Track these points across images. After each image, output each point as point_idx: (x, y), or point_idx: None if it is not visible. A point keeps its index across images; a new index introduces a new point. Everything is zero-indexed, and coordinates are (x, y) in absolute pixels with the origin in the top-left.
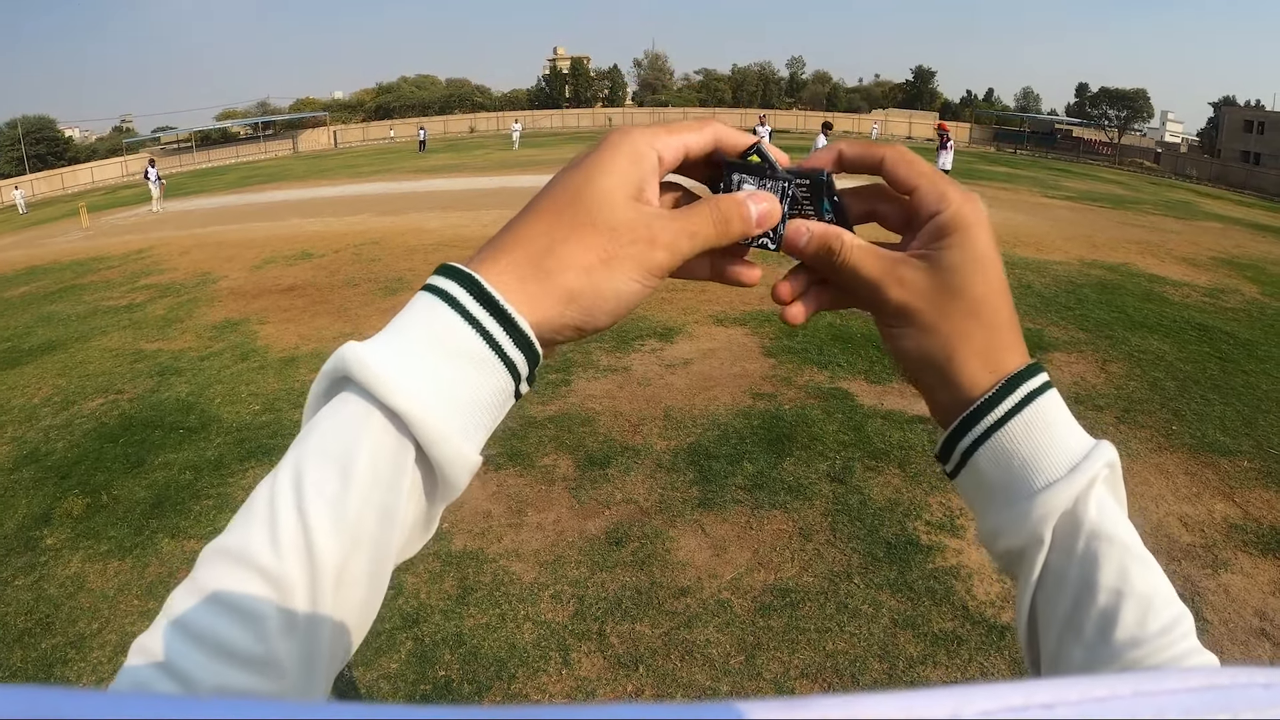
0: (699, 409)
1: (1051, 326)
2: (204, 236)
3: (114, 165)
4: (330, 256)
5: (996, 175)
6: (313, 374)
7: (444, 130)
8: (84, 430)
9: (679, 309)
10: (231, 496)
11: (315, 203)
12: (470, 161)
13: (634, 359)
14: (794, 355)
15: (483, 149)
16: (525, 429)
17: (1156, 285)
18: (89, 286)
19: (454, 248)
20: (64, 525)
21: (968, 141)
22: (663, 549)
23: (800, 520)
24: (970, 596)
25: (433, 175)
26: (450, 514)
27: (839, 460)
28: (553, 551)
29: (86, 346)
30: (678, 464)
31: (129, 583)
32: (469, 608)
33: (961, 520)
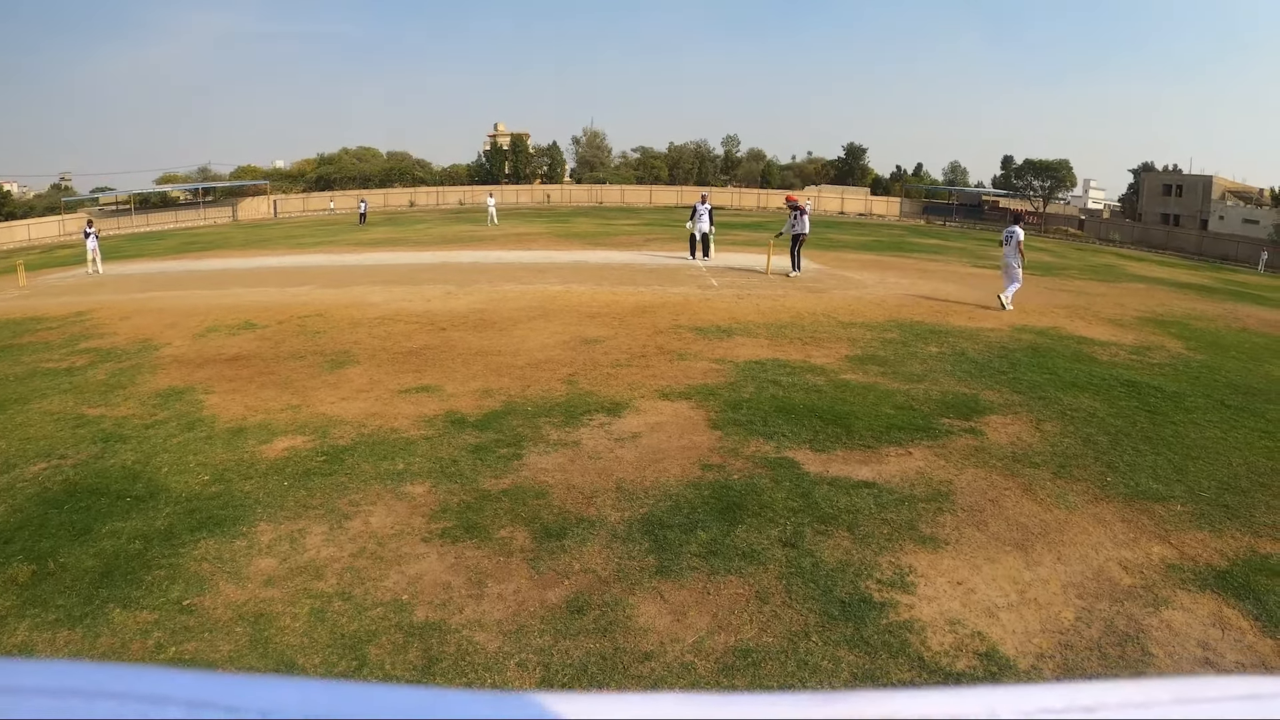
0: (650, 480)
1: (986, 391)
2: (144, 302)
3: (51, 224)
4: (274, 328)
5: (927, 247)
6: (262, 445)
7: (384, 203)
8: (26, 495)
9: (625, 384)
10: (184, 567)
11: (257, 273)
12: (411, 236)
13: (583, 433)
14: (740, 427)
15: (423, 223)
16: (480, 502)
17: (1085, 346)
18: (27, 347)
19: (398, 322)
20: (9, 592)
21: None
22: (624, 616)
23: (756, 584)
24: (925, 648)
25: (374, 248)
26: (410, 585)
27: (789, 526)
28: (515, 621)
29: (26, 409)
30: (633, 534)
31: (80, 653)
32: (435, 678)
33: (911, 578)
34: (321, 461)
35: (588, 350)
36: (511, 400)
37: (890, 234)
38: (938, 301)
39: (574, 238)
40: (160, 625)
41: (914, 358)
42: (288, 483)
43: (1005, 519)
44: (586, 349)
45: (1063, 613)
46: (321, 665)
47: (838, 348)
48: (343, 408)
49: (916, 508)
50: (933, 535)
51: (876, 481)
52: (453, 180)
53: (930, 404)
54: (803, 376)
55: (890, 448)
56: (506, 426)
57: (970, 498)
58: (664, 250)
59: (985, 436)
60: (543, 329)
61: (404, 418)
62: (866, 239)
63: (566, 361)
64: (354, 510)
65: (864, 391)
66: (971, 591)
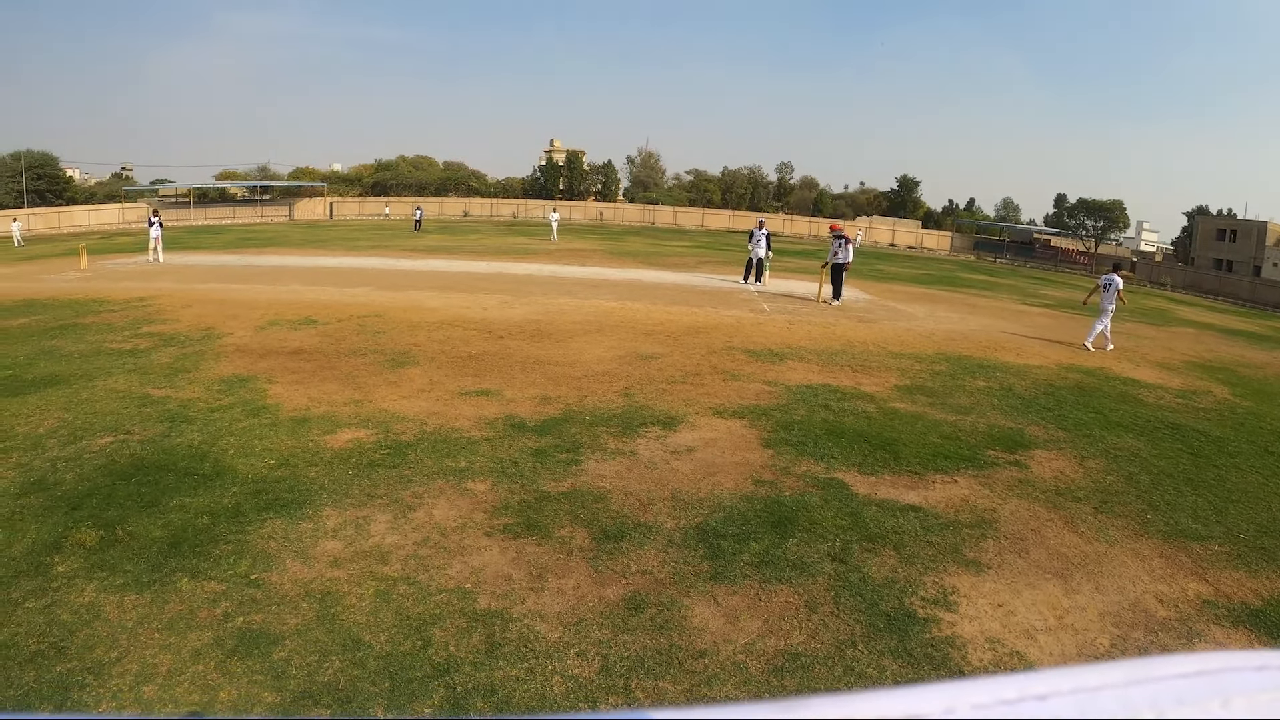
0: (704, 492)
1: (1032, 426)
2: (206, 292)
3: (111, 211)
4: (334, 325)
5: (977, 283)
6: (326, 435)
7: (439, 212)
8: (93, 465)
9: (680, 400)
10: (251, 544)
11: (315, 271)
12: (466, 245)
13: (639, 444)
14: (791, 447)
15: (477, 233)
16: (540, 502)
17: (1132, 388)
18: (91, 327)
19: (456, 327)
20: (76, 555)
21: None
22: (679, 616)
23: (805, 594)
24: (965, 663)
25: (430, 255)
26: (473, 575)
27: (838, 542)
28: (575, 614)
29: (91, 385)
30: (688, 540)
31: (148, 616)
32: (498, 661)
33: (954, 597)
34: (385, 454)
35: (643, 365)
36: (569, 408)
37: (941, 268)
38: (986, 338)
39: (627, 256)
40: (228, 596)
41: (961, 390)
42: (352, 472)
43: (1046, 548)
44: (642, 364)
45: (1099, 639)
46: (388, 643)
47: (887, 377)
48: (404, 405)
49: (961, 532)
50: (975, 559)
51: (922, 506)
52: (507, 193)
53: (976, 436)
54: (853, 402)
55: (936, 475)
56: (565, 433)
57: (1013, 526)
58: (716, 273)
59: (1029, 470)
60: (599, 342)
61: (464, 419)
62: (917, 272)
63: (622, 375)
64: (417, 502)
65: (912, 420)
66: (1011, 614)
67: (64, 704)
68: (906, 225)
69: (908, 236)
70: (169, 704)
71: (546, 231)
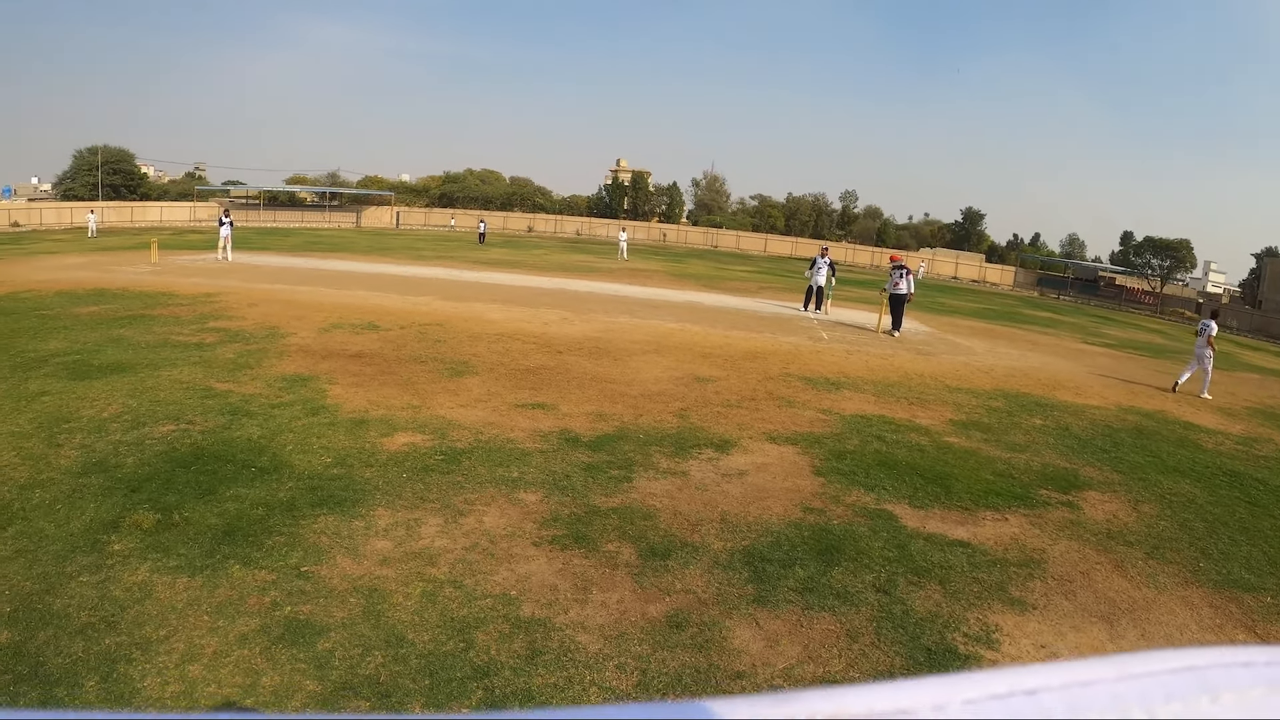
0: (753, 516)
1: (1087, 467)
2: (272, 292)
3: (183, 209)
4: (396, 331)
5: (1039, 320)
6: (382, 438)
7: (503, 226)
8: (154, 451)
9: (734, 424)
10: (303, 538)
11: (379, 278)
12: (529, 260)
13: (691, 465)
14: (842, 476)
15: (541, 249)
16: (590, 516)
17: (1191, 432)
18: (158, 319)
19: (516, 340)
20: (132, 535)
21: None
22: (720, 636)
23: (847, 623)
24: None
25: (493, 268)
26: (518, 583)
27: (884, 573)
28: (616, 627)
29: (156, 374)
30: (734, 563)
31: (199, 599)
32: (538, 668)
33: (997, 635)
34: (440, 460)
35: (699, 388)
36: (624, 426)
37: (1003, 303)
38: (1044, 376)
39: (688, 278)
40: (277, 586)
41: (1017, 428)
42: (406, 475)
43: (1094, 591)
44: (698, 386)
45: None
46: (431, 642)
47: (943, 411)
48: (461, 413)
49: (1008, 571)
50: (1021, 598)
51: (971, 542)
52: (571, 210)
53: (1030, 474)
54: (906, 435)
55: (987, 511)
56: (618, 450)
57: (1061, 568)
58: (777, 299)
59: (1082, 511)
60: (656, 363)
61: (520, 430)
62: (979, 306)
63: (678, 396)
64: (468, 508)
65: (965, 455)
66: (1054, 656)
67: (109, 676)
68: (970, 258)
69: (971, 270)
70: (212, 684)
71: (610, 250)
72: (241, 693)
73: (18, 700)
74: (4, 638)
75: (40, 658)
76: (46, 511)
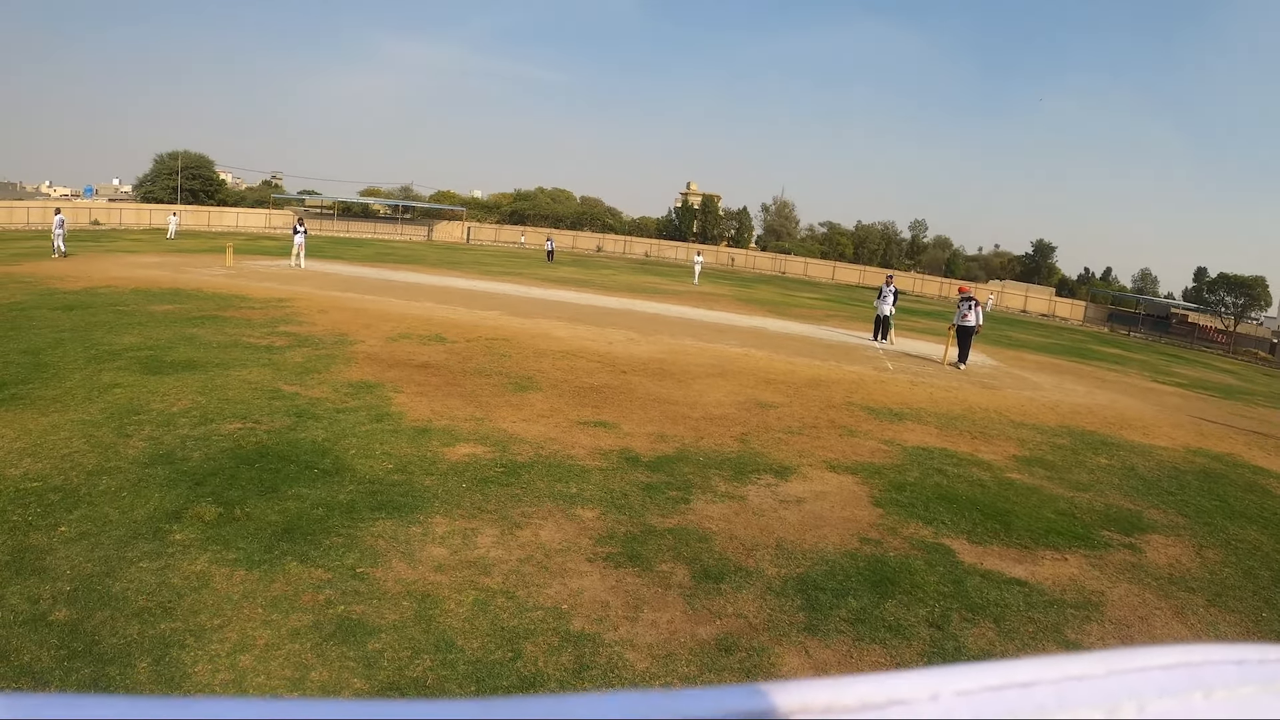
0: (809, 544)
1: (1151, 509)
2: (342, 300)
3: (259, 215)
4: (462, 344)
5: (1107, 356)
6: (444, 448)
7: (573, 245)
8: (220, 447)
9: (795, 451)
10: (361, 540)
11: (447, 291)
12: (596, 279)
13: (749, 490)
14: (901, 508)
15: (609, 269)
16: (645, 535)
17: (1261, 478)
18: (230, 320)
19: (580, 358)
20: (194, 526)
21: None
22: (768, 662)
23: (898, 656)
24: None
25: (561, 286)
26: (570, 597)
27: (938, 608)
28: (665, 647)
29: (226, 374)
30: (787, 590)
31: (254, 592)
32: (584, 682)
33: None
34: (499, 472)
35: (761, 413)
36: (684, 448)
37: (1072, 338)
38: (1111, 414)
39: (755, 304)
40: (332, 585)
41: (1082, 466)
42: (465, 485)
43: (1152, 637)
44: (760, 412)
45: None
46: (479, 649)
47: (1006, 446)
48: (523, 428)
49: (1065, 613)
50: (1077, 641)
51: (1029, 581)
52: (641, 231)
53: (1093, 514)
54: (968, 469)
55: (1047, 550)
56: (677, 471)
57: (1120, 611)
58: (843, 327)
59: (1144, 554)
60: (719, 386)
61: (580, 447)
62: (1047, 340)
63: (740, 420)
64: (525, 521)
65: (1028, 493)
66: None
67: (162, 659)
68: (1039, 292)
69: (1040, 303)
70: (262, 675)
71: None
72: (290, 686)
73: (70, 675)
74: (63, 615)
75: (96, 637)
76: (112, 498)
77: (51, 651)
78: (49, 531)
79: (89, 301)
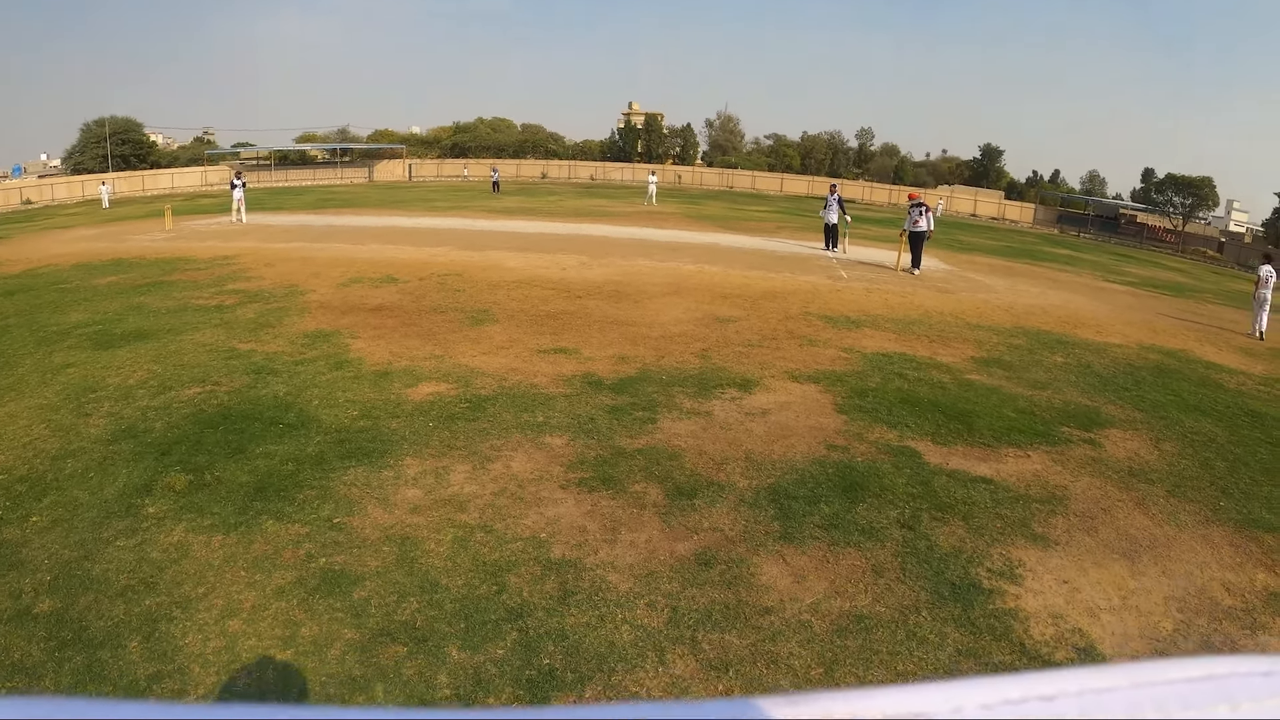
0: (777, 454)
1: (1108, 405)
2: (288, 251)
3: (194, 174)
4: (415, 283)
5: (1059, 257)
6: (407, 389)
7: (517, 174)
8: (182, 414)
9: (756, 363)
10: (334, 490)
11: (394, 231)
12: (544, 206)
13: (714, 405)
14: (865, 414)
15: (555, 195)
16: (615, 458)
17: (1213, 372)
18: (176, 284)
19: (534, 287)
20: (166, 497)
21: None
22: (747, 573)
23: (872, 558)
24: (1027, 636)
25: (508, 216)
26: (548, 525)
27: (908, 509)
28: (646, 566)
29: (179, 339)
30: (759, 501)
31: (235, 556)
32: (570, 608)
33: (1020, 570)
34: (465, 408)
35: (720, 328)
36: (646, 368)
37: (1022, 240)
38: (1065, 314)
39: (705, 220)
40: (311, 539)
41: (1039, 365)
42: (432, 424)
43: (1115, 528)
44: (719, 327)
45: (1162, 623)
46: (464, 586)
47: (964, 348)
48: (484, 361)
49: (1030, 507)
50: (1044, 534)
51: (994, 478)
52: (585, 155)
53: (1052, 411)
54: (928, 372)
55: (1009, 448)
56: (642, 392)
57: (1083, 504)
58: (795, 239)
59: (1103, 449)
60: (676, 305)
61: (543, 375)
62: (998, 243)
63: (699, 337)
64: (495, 454)
65: (987, 393)
66: (1076, 591)
67: (151, 635)
68: (989, 195)
69: (989, 207)
70: (252, 638)
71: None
72: (281, 644)
73: (63, 666)
74: (47, 606)
75: (83, 622)
76: (80, 480)
77: (41, 645)
78: (21, 524)
79: (30, 284)
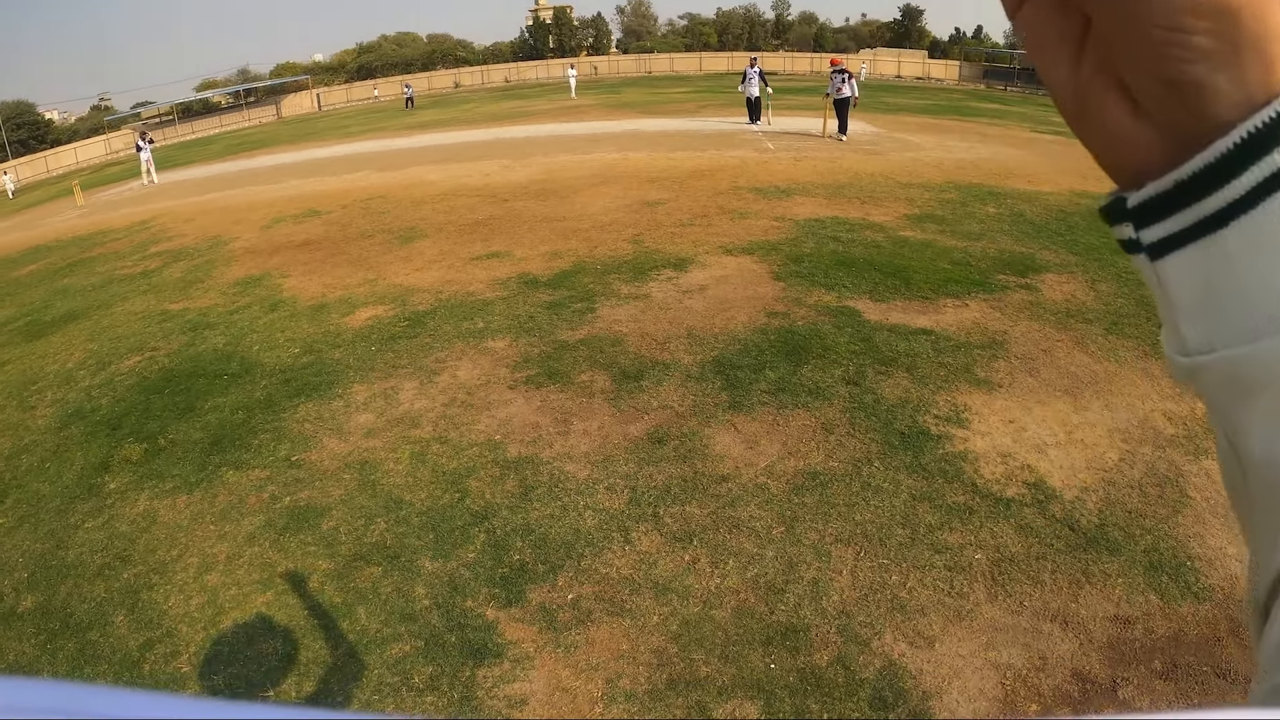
0: (719, 327)
1: (1044, 250)
2: (205, 203)
3: (97, 144)
4: (339, 212)
5: (987, 112)
6: (344, 318)
7: (429, 87)
8: (126, 386)
9: (689, 242)
10: (288, 429)
11: (310, 164)
12: (460, 115)
13: (652, 287)
14: (802, 279)
15: (471, 103)
16: (559, 351)
17: None
18: (98, 259)
19: (460, 196)
20: (124, 470)
21: (958, 79)
22: (701, 445)
23: (821, 417)
24: (978, 475)
25: (425, 131)
26: (501, 427)
27: (852, 366)
28: (601, 452)
29: (110, 312)
30: (705, 374)
31: (202, 512)
32: (532, 503)
33: (966, 415)
34: (404, 327)
35: (650, 212)
36: (580, 260)
37: (949, 98)
38: (996, 166)
39: (625, 108)
40: (273, 480)
41: (971, 217)
42: (375, 348)
43: (1056, 368)
44: (649, 211)
45: (1107, 453)
46: (427, 499)
47: (896, 206)
48: (417, 278)
49: (972, 354)
50: (987, 379)
51: (934, 329)
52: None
53: (987, 261)
54: (861, 233)
55: (947, 300)
56: (578, 284)
57: (1024, 347)
58: (718, 116)
59: (1040, 293)
60: (604, 194)
61: (478, 282)
62: (925, 102)
63: (630, 223)
64: (440, 367)
65: (922, 248)
66: (1022, 430)
67: (135, 606)
68: (912, 56)
69: (914, 67)
70: (233, 587)
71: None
72: (261, 587)
73: (56, 656)
74: (30, 602)
75: (67, 610)
76: (38, 473)
77: (31, 641)
78: None
79: None
